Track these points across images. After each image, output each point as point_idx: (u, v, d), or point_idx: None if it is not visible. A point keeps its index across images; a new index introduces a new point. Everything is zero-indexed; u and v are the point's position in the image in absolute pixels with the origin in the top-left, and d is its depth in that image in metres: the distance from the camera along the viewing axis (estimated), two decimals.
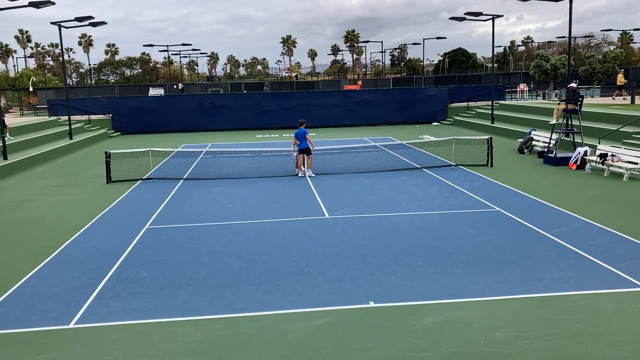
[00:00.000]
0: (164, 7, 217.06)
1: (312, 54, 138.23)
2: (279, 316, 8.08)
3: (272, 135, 35.30)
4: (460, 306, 8.23)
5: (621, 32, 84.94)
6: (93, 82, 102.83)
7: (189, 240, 12.05)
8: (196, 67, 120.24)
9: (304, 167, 19.76)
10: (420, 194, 16.20)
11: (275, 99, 41.27)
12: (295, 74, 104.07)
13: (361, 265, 10.09)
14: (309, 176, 19.33)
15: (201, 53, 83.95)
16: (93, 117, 38.54)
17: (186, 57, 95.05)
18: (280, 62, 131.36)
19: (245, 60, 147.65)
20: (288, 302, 8.53)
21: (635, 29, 76.37)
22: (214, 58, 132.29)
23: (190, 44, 68.59)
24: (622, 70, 30.42)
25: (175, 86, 61.02)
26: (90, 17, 28.87)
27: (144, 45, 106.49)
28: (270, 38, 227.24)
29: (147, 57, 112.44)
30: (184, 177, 19.91)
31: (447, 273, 9.60)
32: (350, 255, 10.67)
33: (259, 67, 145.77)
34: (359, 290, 8.95)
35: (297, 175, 19.66)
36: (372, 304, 8.38)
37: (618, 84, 30.43)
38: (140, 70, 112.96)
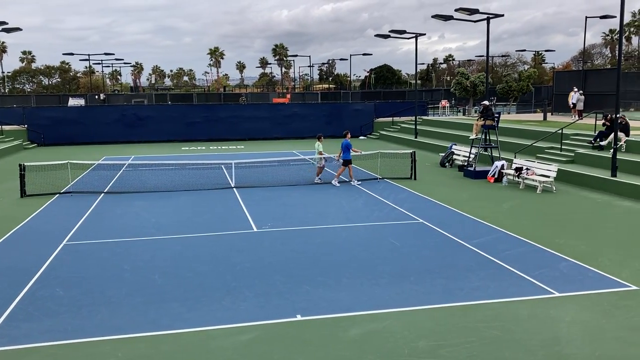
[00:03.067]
0: (86, 15, 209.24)
1: (241, 67, 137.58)
2: (204, 333, 7.91)
3: (199, 148, 34.72)
4: (385, 317, 8.38)
5: (534, 52, 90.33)
6: (6, 90, 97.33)
7: (110, 256, 11.60)
8: (119, 77, 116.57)
9: (340, 177, 20.33)
10: (348, 207, 16.41)
11: (202, 111, 40.66)
12: (223, 85, 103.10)
13: (289, 279, 10.07)
14: (357, 184, 19.93)
15: (125, 63, 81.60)
16: (6, 127, 36.39)
17: (109, 66, 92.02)
18: (208, 73, 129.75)
19: (171, 71, 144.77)
20: (213, 318, 8.37)
21: (546, 50, 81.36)
22: (138, 68, 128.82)
23: (113, 54, 66.45)
24: (576, 88, 32.00)
25: (96, 96, 58.85)
26: (4, 23, 27.40)
27: (63, 54, 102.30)
28: (197, 49, 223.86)
29: (67, 66, 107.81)
30: (105, 190, 19.17)
31: (373, 284, 9.76)
32: (278, 269, 10.64)
33: (186, 78, 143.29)
34: (286, 303, 8.93)
35: (315, 182, 20.43)
36: (299, 317, 8.38)
37: (573, 102, 31.85)
38: (59, 80, 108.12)
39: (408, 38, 33.58)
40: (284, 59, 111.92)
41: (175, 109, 42.36)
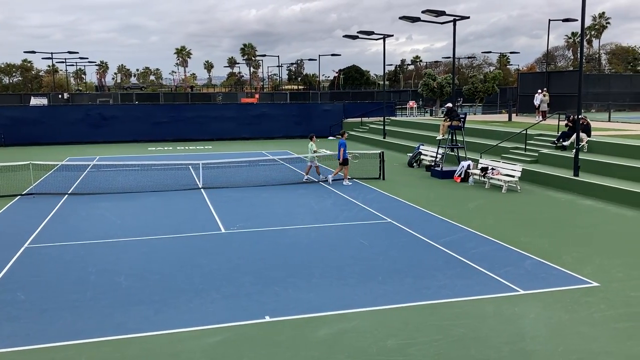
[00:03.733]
0: (49, 13, 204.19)
1: (209, 66, 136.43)
2: (172, 335, 7.80)
3: (166, 148, 34.28)
4: (354, 316, 8.41)
5: (499, 54, 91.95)
6: None
7: (74, 259, 11.34)
8: (84, 76, 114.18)
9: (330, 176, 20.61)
10: (317, 207, 16.42)
11: (168, 111, 40.15)
12: (190, 84, 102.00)
13: (258, 280, 10.02)
14: (346, 184, 20.07)
15: (89, 62, 80.00)
16: None
17: (73, 65, 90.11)
18: (175, 73, 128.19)
19: (137, 70, 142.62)
20: (181, 321, 8.26)
21: (511, 52, 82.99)
22: (103, 67, 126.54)
23: (77, 52, 65.02)
24: (545, 89, 32.45)
25: (60, 96, 57.52)
26: None
27: (25, 52, 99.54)
28: (164, 48, 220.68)
29: (28, 65, 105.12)
30: (69, 192, 18.75)
31: (342, 284, 9.79)
32: (246, 270, 10.57)
33: (152, 77, 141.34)
34: (255, 305, 8.88)
35: (318, 181, 20.65)
36: (268, 319, 8.34)
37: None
38: (20, 79, 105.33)
39: (376, 39, 33.80)
40: (253, 58, 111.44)
41: (141, 108, 41.69)
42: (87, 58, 75.97)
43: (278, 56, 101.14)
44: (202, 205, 16.74)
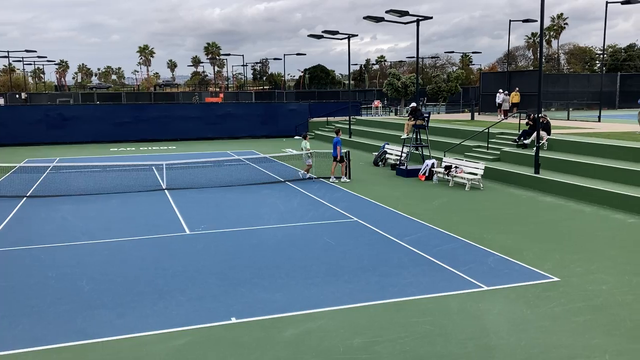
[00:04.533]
0: (5, 10, 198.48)
1: (172, 65, 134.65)
2: (135, 339, 7.66)
3: (129, 149, 33.67)
4: (320, 316, 8.42)
5: (462, 54, 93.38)
6: None
7: (34, 264, 11.03)
8: (42, 76, 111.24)
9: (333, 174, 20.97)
10: (283, 207, 16.38)
11: (131, 111, 39.44)
12: (154, 85, 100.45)
13: (223, 281, 9.93)
14: (332, 182, 20.57)
15: (48, 60, 77.99)
16: None
17: (31, 64, 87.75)
18: (138, 72, 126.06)
19: (99, 69, 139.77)
20: (145, 324, 8.12)
21: (473, 52, 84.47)
22: (63, 66, 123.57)
23: (35, 51, 63.30)
24: (517, 88, 32.89)
25: (17, 95, 55.88)
26: None
27: None
28: (126, 47, 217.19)
29: None
30: (28, 194, 18.23)
31: (308, 284, 9.78)
32: (212, 272, 10.46)
33: (114, 76, 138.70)
34: (220, 306, 8.79)
35: (307, 178, 21.05)
36: (234, 320, 8.27)
37: (512, 101, 32.62)
38: None
39: (341, 39, 33.92)
40: (217, 57, 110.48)
41: (103, 108, 40.83)
42: (46, 57, 74.20)
43: (242, 55, 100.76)
44: (166, 206, 16.50)
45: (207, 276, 10.21)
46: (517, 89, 33.68)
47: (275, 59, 79.17)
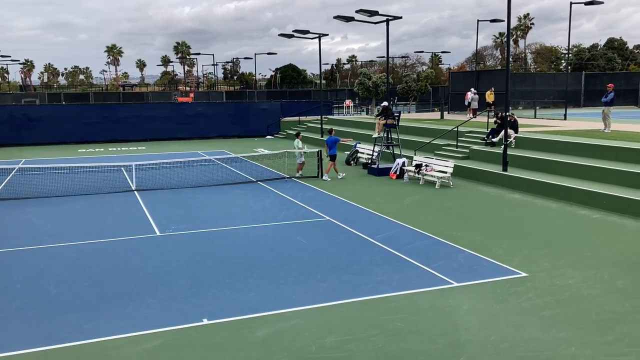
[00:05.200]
0: None
1: (141, 65, 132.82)
2: (105, 343, 7.54)
3: (97, 150, 33.10)
4: (293, 315, 8.41)
5: (432, 54, 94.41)
6: None
7: None
8: (7, 75, 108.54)
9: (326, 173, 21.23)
10: (255, 207, 16.32)
11: (99, 111, 38.77)
12: (123, 84, 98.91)
13: (195, 283, 9.85)
14: (340, 178, 21.21)
15: (12, 60, 76.08)
16: None
17: None
18: (106, 72, 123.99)
19: (65, 69, 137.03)
20: (115, 328, 8.00)
21: (442, 52, 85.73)
22: (28, 66, 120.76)
23: None
24: (492, 88, 32.99)
25: None
26: None
27: None
28: (94, 47, 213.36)
29: None
30: None
31: (280, 283, 9.77)
32: (183, 273, 10.37)
33: (82, 76, 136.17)
34: (192, 308, 8.72)
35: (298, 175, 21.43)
36: (205, 321, 8.21)
37: (488, 100, 32.63)
38: None
39: (312, 38, 33.94)
40: (187, 57, 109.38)
41: (70, 109, 40.05)
42: (10, 56, 72.34)
43: (213, 54, 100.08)
44: (136, 207, 16.27)
45: (178, 277, 10.11)
46: (492, 88, 33.78)
47: (246, 58, 78.73)
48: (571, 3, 31.17)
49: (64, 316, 8.45)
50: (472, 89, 34.64)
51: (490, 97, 33.23)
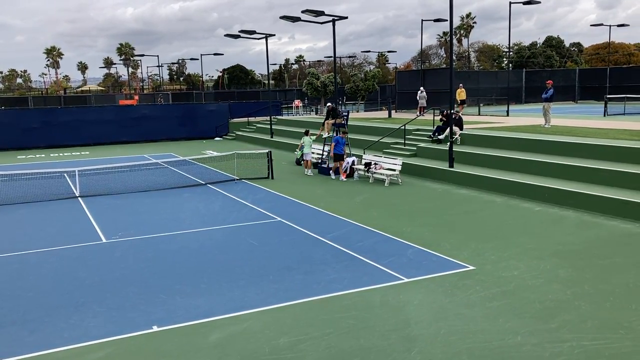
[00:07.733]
0: None
1: (83, 67, 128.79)
2: (49, 356, 7.27)
3: (38, 156, 31.87)
4: (245, 318, 8.34)
5: (378, 53, 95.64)
6: None
7: None
8: None
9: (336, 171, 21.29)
10: (204, 210, 16.09)
11: (39, 115, 37.34)
12: (64, 87, 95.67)
13: (143, 289, 9.62)
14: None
15: None
16: None
17: None
18: (46, 75, 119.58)
19: (1, 73, 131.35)
20: (60, 339, 7.72)
21: (389, 51, 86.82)
22: None
23: None
24: (461, 85, 32.93)
25: None
26: None
27: None
28: (32, 49, 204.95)
29: None
30: None
31: (232, 286, 9.67)
32: (131, 280, 10.11)
33: (20, 80, 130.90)
34: (141, 315, 8.51)
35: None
36: (155, 329, 8.03)
37: (459, 99, 32.54)
38: None
39: (259, 38, 33.76)
40: (131, 58, 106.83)
41: (8, 114, 38.45)
42: None
43: (158, 56, 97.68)
44: (80, 214, 15.77)
45: (125, 285, 9.85)
46: (461, 84, 33.59)
47: (192, 59, 77.63)
48: (510, 2, 32.15)
49: (4, 330, 8.09)
50: (422, 88, 35.22)
51: (461, 95, 33.25)
